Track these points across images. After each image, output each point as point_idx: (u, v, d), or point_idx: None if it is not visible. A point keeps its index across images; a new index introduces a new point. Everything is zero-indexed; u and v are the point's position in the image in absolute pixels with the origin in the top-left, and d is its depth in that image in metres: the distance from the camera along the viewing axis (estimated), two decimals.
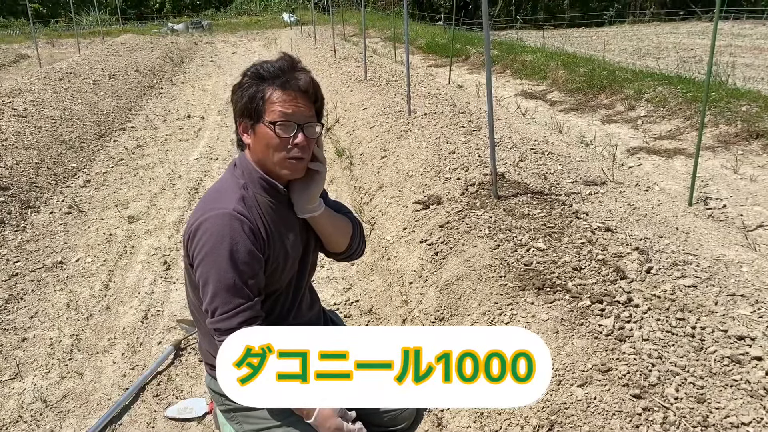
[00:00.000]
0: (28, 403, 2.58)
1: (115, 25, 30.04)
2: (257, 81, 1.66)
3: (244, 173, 1.73)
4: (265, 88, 1.65)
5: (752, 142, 5.63)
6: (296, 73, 1.67)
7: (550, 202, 3.25)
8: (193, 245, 1.65)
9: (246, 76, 1.68)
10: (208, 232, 1.62)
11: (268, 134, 1.65)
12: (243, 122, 1.70)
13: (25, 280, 3.71)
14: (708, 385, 1.79)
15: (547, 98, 9.19)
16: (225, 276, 1.61)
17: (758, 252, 3.06)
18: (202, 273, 1.64)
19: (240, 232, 1.62)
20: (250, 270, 1.64)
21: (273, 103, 1.64)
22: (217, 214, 1.63)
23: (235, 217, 1.62)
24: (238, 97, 1.69)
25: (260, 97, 1.65)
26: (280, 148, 1.65)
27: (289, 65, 1.68)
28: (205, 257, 1.62)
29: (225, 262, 1.60)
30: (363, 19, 9.40)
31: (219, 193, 1.72)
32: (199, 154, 6.54)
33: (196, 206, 1.73)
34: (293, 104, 1.65)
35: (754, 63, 11.16)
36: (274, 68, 1.66)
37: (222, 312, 1.62)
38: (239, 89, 1.69)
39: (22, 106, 7.41)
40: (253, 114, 1.66)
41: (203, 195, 1.78)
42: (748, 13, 22.82)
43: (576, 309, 2.20)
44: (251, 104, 1.65)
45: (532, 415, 1.83)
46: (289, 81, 1.65)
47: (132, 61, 13.26)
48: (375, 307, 3.14)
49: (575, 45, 16.01)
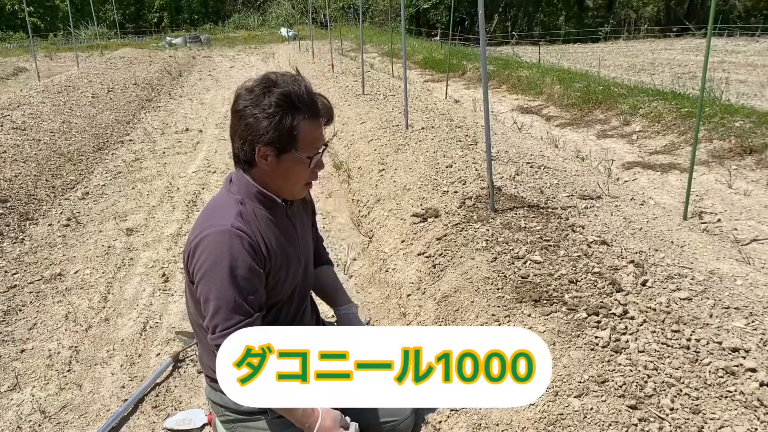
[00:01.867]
0: (27, 414, 2.58)
1: (114, 38, 30.17)
2: (293, 110, 1.62)
3: (240, 189, 1.72)
4: (299, 119, 1.62)
5: (746, 157, 5.69)
6: (317, 98, 1.69)
7: (546, 216, 3.28)
8: (193, 262, 1.66)
9: (273, 105, 1.61)
10: (207, 249, 1.62)
11: (298, 167, 1.67)
12: (266, 148, 1.64)
13: (23, 291, 3.72)
14: (703, 396, 1.81)
15: (543, 113, 9.27)
16: (225, 293, 1.61)
17: (752, 265, 3.10)
18: (202, 290, 1.64)
19: (240, 249, 1.62)
20: (251, 286, 1.64)
21: (308, 135, 1.64)
22: (216, 231, 1.62)
23: (235, 234, 1.62)
24: (267, 124, 1.61)
25: (295, 129, 1.62)
26: (304, 178, 1.71)
27: (310, 89, 1.66)
28: (205, 274, 1.62)
29: (225, 279, 1.60)
30: (361, 35, 9.48)
31: (216, 209, 1.71)
32: (197, 167, 6.56)
33: (195, 223, 1.73)
34: (320, 135, 1.68)
35: (747, 79, 11.28)
36: (305, 96, 1.63)
37: (222, 329, 1.62)
38: (267, 117, 1.61)
39: (20, 119, 7.44)
40: (287, 144, 1.63)
41: (201, 211, 1.78)
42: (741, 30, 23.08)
43: (572, 321, 2.22)
44: (286, 136, 1.62)
45: (529, 426, 1.85)
46: (317, 110, 1.66)
47: (130, 75, 13.33)
48: (373, 320, 3.15)
49: (571, 61, 16.16)
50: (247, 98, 1.64)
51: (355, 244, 4.15)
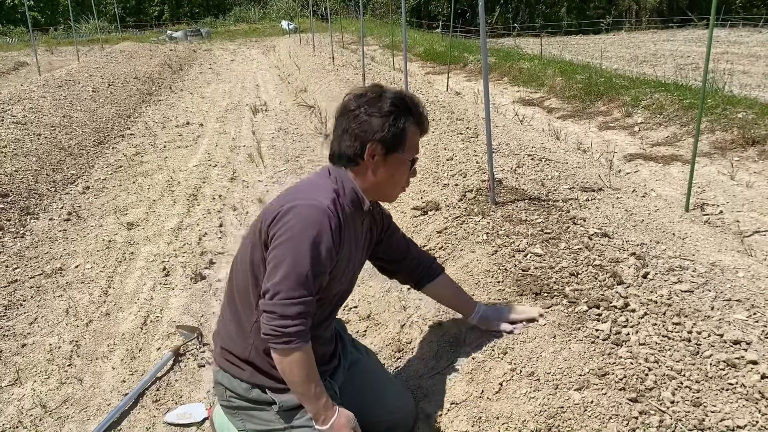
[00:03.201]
0: (28, 408, 2.59)
1: (114, 33, 30.12)
2: (405, 113, 1.75)
3: (337, 181, 1.78)
4: (411, 123, 1.76)
5: (748, 149, 5.66)
6: (425, 114, 1.82)
7: (547, 208, 3.26)
8: (277, 225, 1.67)
9: (388, 105, 1.73)
10: (298, 216, 1.65)
11: (402, 168, 1.78)
12: (377, 147, 1.74)
13: (24, 286, 3.72)
14: (704, 389, 1.80)
15: (545, 105, 9.24)
16: (300, 263, 1.63)
17: (754, 257, 3.08)
18: (277, 254, 1.65)
19: (327, 228, 1.66)
20: (323, 267, 1.68)
21: (414, 141, 1.78)
22: (311, 204, 1.67)
23: (328, 213, 1.67)
24: (381, 122, 1.72)
25: (406, 131, 1.75)
26: (401, 182, 1.82)
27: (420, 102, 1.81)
28: (287, 240, 1.64)
29: (306, 250, 1.63)
30: (362, 27, 9.44)
31: (313, 187, 1.78)
32: (198, 161, 6.56)
33: (285, 193, 1.79)
34: (419, 145, 1.83)
35: (750, 70, 11.23)
36: (416, 102, 1.78)
37: (284, 297, 1.64)
38: (382, 116, 1.72)
39: (21, 114, 7.43)
40: (397, 145, 1.74)
41: (292, 186, 1.85)
42: (744, 20, 22.96)
43: (573, 314, 2.21)
44: (400, 135, 1.74)
45: (529, 419, 1.84)
46: (424, 122, 1.81)
47: (131, 69, 13.31)
48: (373, 313, 3.15)
49: (572, 52, 16.09)
50: (360, 100, 1.76)
51: None
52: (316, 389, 1.73)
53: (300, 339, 1.66)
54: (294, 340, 1.65)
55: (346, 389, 2.06)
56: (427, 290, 2.22)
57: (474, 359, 2.22)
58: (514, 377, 2.02)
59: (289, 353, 1.68)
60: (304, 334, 1.67)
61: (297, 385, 1.73)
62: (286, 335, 1.65)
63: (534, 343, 2.10)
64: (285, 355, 1.68)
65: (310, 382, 1.72)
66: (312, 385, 1.73)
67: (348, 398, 2.04)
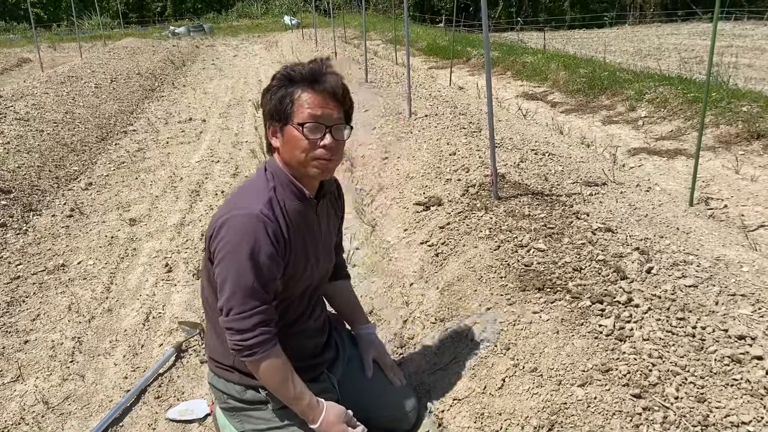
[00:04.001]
0: (30, 405, 2.59)
1: (117, 29, 30.10)
2: (286, 83, 1.67)
3: (274, 176, 1.74)
4: (294, 90, 1.66)
5: (753, 143, 5.62)
6: (326, 76, 1.68)
7: (550, 203, 3.25)
8: (215, 242, 1.66)
9: (275, 79, 1.69)
10: (231, 230, 1.62)
11: (297, 136, 1.65)
12: (272, 125, 1.71)
13: (27, 282, 3.72)
14: (708, 385, 1.79)
15: (548, 99, 9.20)
16: (244, 276, 1.61)
17: (759, 252, 3.06)
18: (221, 271, 1.64)
19: (263, 235, 1.62)
20: (269, 273, 1.64)
21: (301, 104, 1.65)
22: (242, 214, 1.63)
23: (260, 219, 1.63)
24: (267, 99, 1.70)
25: (289, 99, 1.66)
26: (308, 149, 1.66)
27: (319, 67, 1.68)
28: (226, 255, 1.63)
29: (245, 263, 1.60)
30: (364, 22, 9.41)
31: (247, 192, 1.73)
32: (201, 156, 6.55)
33: (223, 203, 1.74)
34: (322, 106, 1.66)
35: (755, 64, 11.15)
36: (303, 70, 1.67)
37: (238, 312, 1.63)
38: (268, 92, 1.70)
39: (24, 110, 7.43)
40: (282, 116, 1.67)
41: (231, 193, 1.80)
42: (749, 13, 22.81)
43: (576, 309, 2.20)
44: (280, 106, 1.66)
45: (532, 415, 1.83)
46: (318, 82, 1.66)
47: (134, 65, 13.30)
48: (376, 309, 3.14)
49: (576, 46, 16.02)
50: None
51: (358, 233, 4.13)
52: (296, 391, 1.73)
53: (263, 348, 1.66)
54: (257, 351, 1.65)
55: (346, 384, 2.05)
56: (326, 288, 2.17)
57: (476, 355, 2.21)
58: (516, 373, 2.01)
59: (258, 363, 1.68)
60: (267, 341, 1.66)
61: (276, 391, 1.74)
62: (248, 348, 1.65)
63: (537, 338, 2.09)
64: (255, 365, 1.70)
65: (288, 385, 1.72)
66: (291, 388, 1.73)
67: (348, 393, 2.03)
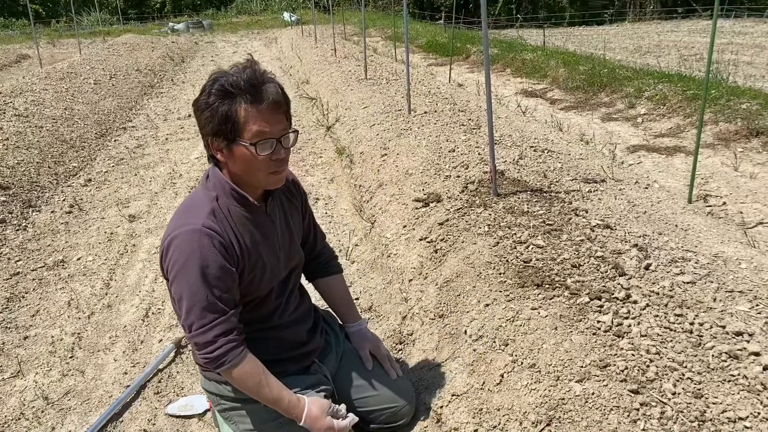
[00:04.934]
0: (30, 400, 2.60)
1: (116, 25, 30.06)
2: (227, 99, 1.57)
3: (216, 185, 1.71)
4: (236, 106, 1.57)
5: (752, 140, 5.63)
6: (265, 85, 1.59)
7: (549, 200, 3.25)
8: (165, 262, 1.67)
9: (212, 94, 1.59)
10: (178, 249, 1.62)
11: (247, 155, 1.60)
12: (215, 142, 1.63)
13: (26, 279, 3.72)
14: (705, 381, 1.80)
15: (547, 96, 9.20)
16: (197, 292, 1.61)
17: (757, 249, 3.07)
18: (176, 290, 1.65)
19: (210, 248, 1.61)
20: (223, 285, 1.64)
21: (248, 122, 1.57)
22: (186, 230, 1.62)
23: (205, 233, 1.61)
24: (208, 117, 1.60)
25: (233, 117, 1.57)
26: (262, 166, 1.62)
27: (255, 75, 1.59)
28: (177, 274, 1.62)
29: (196, 279, 1.60)
30: (363, 19, 9.40)
31: (189, 207, 1.71)
32: (200, 153, 6.54)
33: (169, 221, 1.72)
34: (269, 120, 1.59)
35: (754, 61, 11.15)
36: (241, 83, 1.57)
37: (198, 327, 1.64)
38: (207, 108, 1.60)
39: (23, 106, 7.42)
40: (228, 134, 1.59)
41: (177, 209, 1.76)
42: (749, 11, 22.79)
43: (574, 305, 2.20)
44: (225, 125, 1.58)
45: (530, 410, 1.84)
46: (260, 95, 1.58)
47: (133, 61, 13.28)
48: (375, 305, 3.15)
49: (576, 43, 16.01)
50: (200, 93, 1.64)
51: (357, 230, 4.13)
52: (273, 393, 1.73)
53: (230, 357, 1.66)
54: (224, 360, 1.66)
55: (341, 379, 2.06)
56: (317, 284, 2.16)
57: (475, 351, 2.21)
58: (515, 369, 2.02)
59: (229, 372, 1.69)
60: (232, 350, 1.66)
61: (255, 395, 1.75)
62: (214, 359, 1.66)
63: (535, 334, 2.09)
64: (227, 374, 1.70)
65: (264, 388, 1.73)
66: (267, 391, 1.73)
67: (344, 388, 2.04)
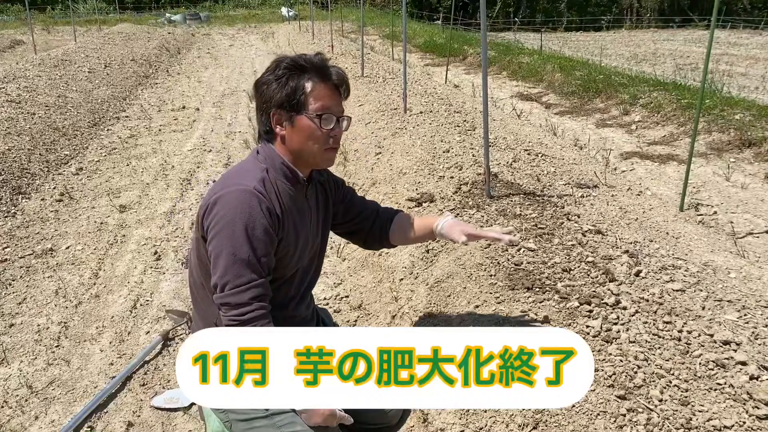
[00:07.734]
0: (14, 388, 2.57)
1: (112, 14, 29.88)
2: (297, 72, 1.67)
3: (266, 159, 1.74)
4: (305, 81, 1.66)
5: (745, 150, 5.66)
6: (332, 68, 1.70)
7: (542, 204, 3.26)
8: (209, 218, 1.65)
9: (281, 68, 1.68)
10: (227, 205, 1.62)
11: (311, 126, 1.66)
12: (279, 113, 1.69)
13: (14, 266, 3.69)
14: (692, 388, 1.81)
15: (543, 101, 9.22)
16: (239, 250, 1.60)
17: (747, 259, 3.09)
18: (215, 246, 1.63)
19: (258, 209, 1.62)
20: (264, 247, 1.64)
21: (316, 95, 1.66)
22: (236, 190, 1.64)
23: (254, 194, 1.63)
24: (276, 87, 1.67)
25: (302, 89, 1.66)
26: (321, 139, 1.68)
27: (323, 59, 1.70)
28: (221, 230, 1.62)
29: (241, 236, 1.60)
30: (361, 16, 9.39)
31: (241, 171, 1.73)
32: (193, 145, 6.52)
33: (216, 183, 1.74)
34: (333, 97, 1.69)
35: (748, 72, 11.23)
36: (313, 60, 1.68)
37: (234, 286, 1.61)
38: (277, 80, 1.68)
39: (15, 92, 7.36)
40: (295, 105, 1.66)
41: (223, 173, 1.79)
42: (745, 22, 22.94)
43: (564, 309, 2.21)
44: (294, 95, 1.66)
45: (517, 413, 1.84)
46: (328, 73, 1.68)
47: (128, 51, 13.20)
48: (365, 303, 3.14)
49: (572, 49, 16.06)
50: (263, 75, 1.71)
51: None
52: None
53: (260, 324, 1.64)
54: (256, 325, 1.63)
55: None
56: (393, 233, 2.08)
57: None
58: None
59: None
60: (262, 317, 1.64)
61: None
62: (245, 323, 1.63)
63: None
64: None
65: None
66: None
67: None
